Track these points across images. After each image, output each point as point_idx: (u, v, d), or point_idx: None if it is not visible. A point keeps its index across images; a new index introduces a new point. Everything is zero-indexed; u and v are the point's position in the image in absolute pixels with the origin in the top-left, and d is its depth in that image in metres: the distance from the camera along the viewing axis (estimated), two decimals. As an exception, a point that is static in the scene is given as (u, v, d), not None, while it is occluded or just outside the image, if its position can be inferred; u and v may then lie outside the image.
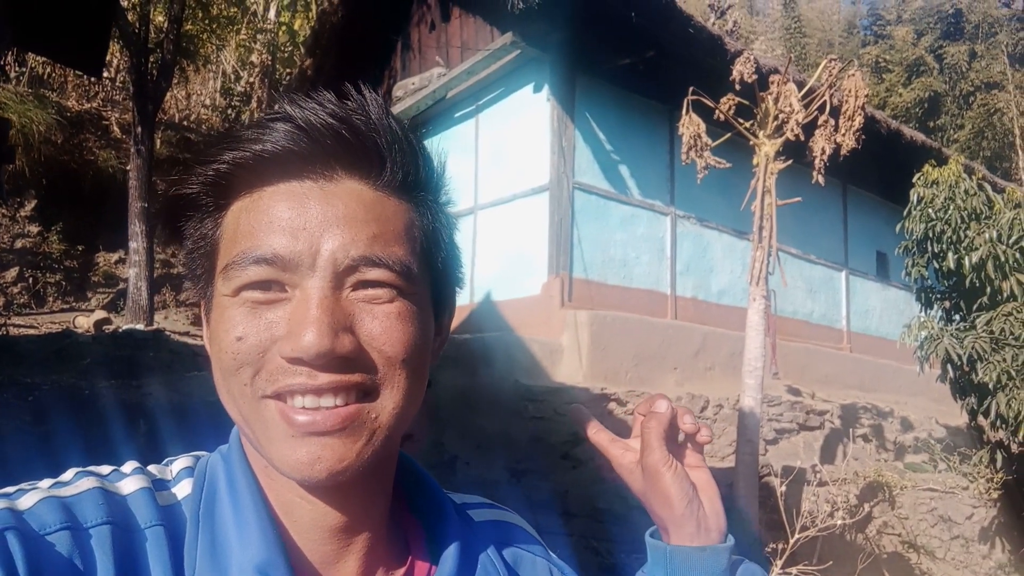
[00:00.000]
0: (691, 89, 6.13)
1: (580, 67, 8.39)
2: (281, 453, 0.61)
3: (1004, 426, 5.98)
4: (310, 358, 0.58)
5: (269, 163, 0.62)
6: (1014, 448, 6.52)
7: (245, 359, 0.61)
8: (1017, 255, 6.09)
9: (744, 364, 5.77)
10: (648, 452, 0.77)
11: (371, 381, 0.62)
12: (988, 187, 6.61)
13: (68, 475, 0.65)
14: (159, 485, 0.66)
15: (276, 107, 0.64)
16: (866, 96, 6.00)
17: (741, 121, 6.38)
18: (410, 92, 10.04)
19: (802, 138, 6.13)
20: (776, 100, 6.23)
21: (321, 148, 0.62)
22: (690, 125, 6.20)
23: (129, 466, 0.67)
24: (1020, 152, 18.64)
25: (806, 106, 6.19)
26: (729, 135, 6.49)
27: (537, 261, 8.24)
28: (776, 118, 6.29)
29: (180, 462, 0.70)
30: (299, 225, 0.61)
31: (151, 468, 0.68)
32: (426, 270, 0.68)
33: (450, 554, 0.70)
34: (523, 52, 8.23)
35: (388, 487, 0.72)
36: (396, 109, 9.74)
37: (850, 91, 5.81)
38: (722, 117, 6.30)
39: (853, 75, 5.92)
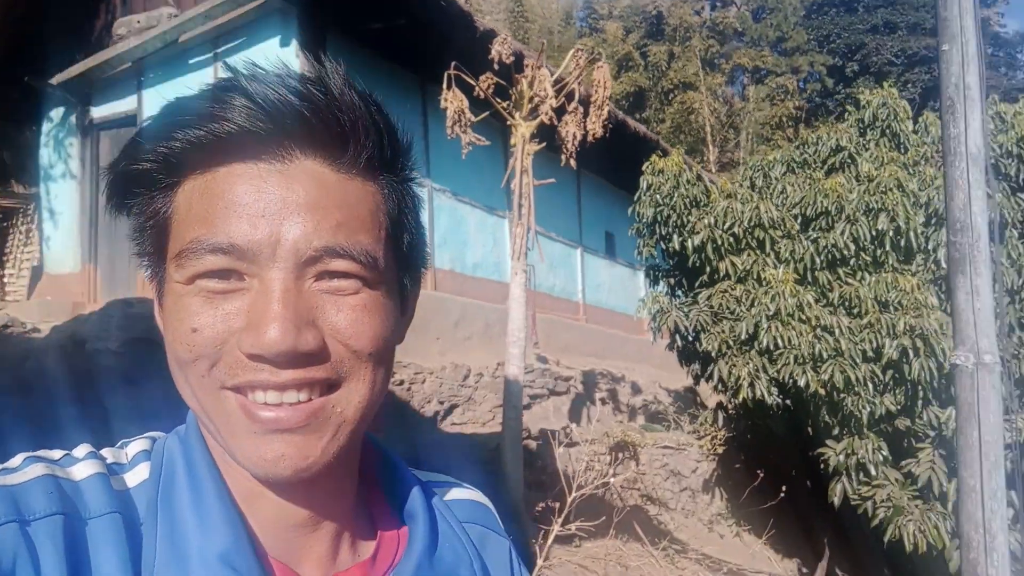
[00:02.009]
0: (453, 64, 6.27)
1: (332, 26, 8.14)
2: (244, 449, 0.59)
3: (724, 389, 6.94)
4: (272, 356, 0.56)
5: (225, 142, 0.58)
6: (730, 409, 7.59)
7: (201, 351, 0.58)
8: (731, 239, 7.07)
9: (508, 335, 6.08)
10: None
11: (336, 375, 0.60)
12: (706, 178, 7.59)
13: (16, 460, 0.61)
14: (113, 470, 0.63)
15: (228, 79, 0.59)
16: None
17: (499, 101, 6.64)
18: (135, 31, 8.98)
19: (555, 122, 6.56)
20: (531, 84, 6.58)
21: (280, 128, 0.58)
22: (454, 100, 6.32)
23: (82, 450, 0.64)
24: (711, 147, 21.59)
25: (557, 92, 6.62)
26: (487, 113, 6.74)
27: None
28: (531, 101, 6.64)
29: (136, 445, 0.67)
30: (257, 212, 0.57)
31: (105, 452, 0.65)
32: (392, 255, 0.65)
33: (419, 531, 0.70)
34: (269, 1, 7.78)
35: (355, 473, 0.71)
36: (118, 49, 8.73)
37: (599, 82, 6.33)
38: (481, 95, 6.52)
39: (602, 67, 6.44)
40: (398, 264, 0.67)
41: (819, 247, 6.93)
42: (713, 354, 6.96)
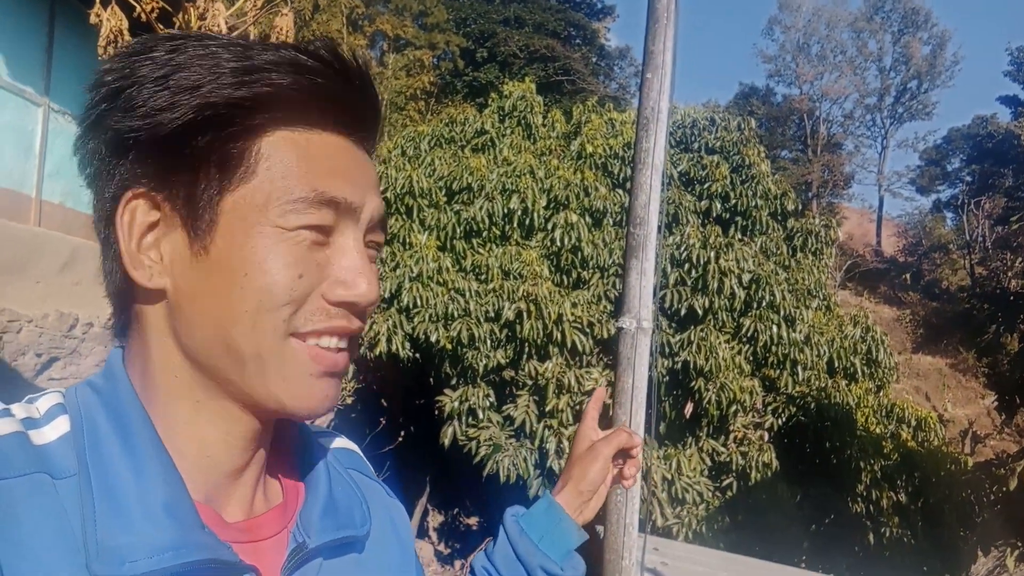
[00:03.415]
0: (112, -23, 5.64)
1: None
2: (295, 390, 0.62)
3: (362, 342, 7.36)
4: (365, 304, 0.64)
5: (321, 102, 0.62)
6: (369, 359, 8.02)
7: (298, 296, 0.61)
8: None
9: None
10: (605, 444, 1.04)
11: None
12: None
13: None
14: (29, 424, 0.59)
15: (323, 40, 0.63)
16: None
17: (162, 28, 6.14)
18: None
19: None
20: (202, 16, 6.21)
21: (357, 108, 0.66)
22: (112, 18, 5.71)
23: None
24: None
25: (230, 30, 6.35)
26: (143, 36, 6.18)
27: None
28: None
29: (47, 399, 0.63)
30: (355, 179, 0.64)
31: (14, 407, 0.61)
32: None
33: (320, 477, 0.75)
34: None
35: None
36: None
37: (281, 29, 6.21)
38: (144, 18, 5.98)
39: (286, 15, 6.32)
40: None
41: (460, 219, 7.71)
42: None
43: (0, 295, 7.01)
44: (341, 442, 0.86)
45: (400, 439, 9.37)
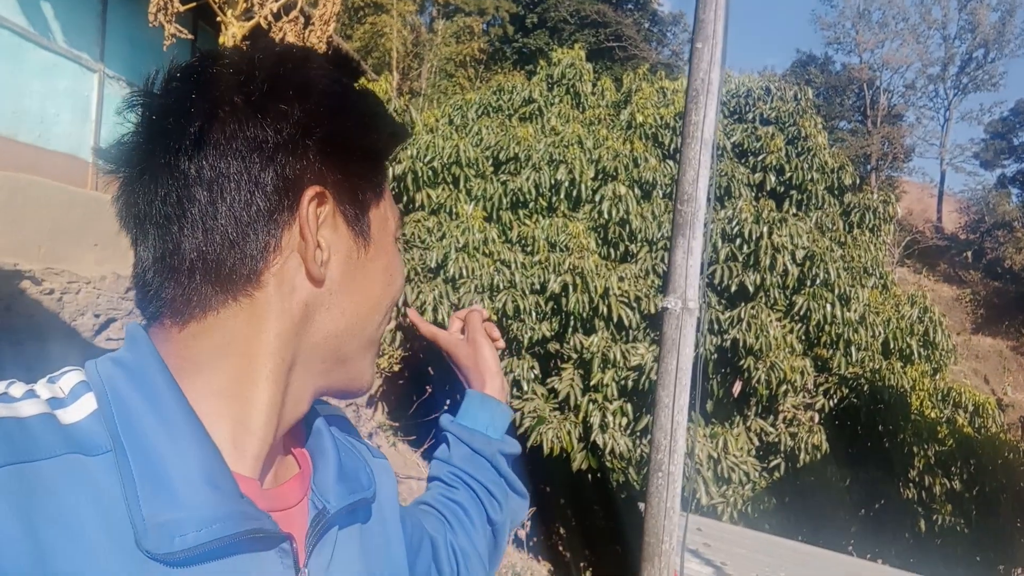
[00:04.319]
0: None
1: None
2: (366, 372, 0.75)
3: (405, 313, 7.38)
4: (399, 303, 0.82)
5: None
6: (416, 329, 8.07)
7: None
8: (430, 173, 7.44)
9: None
10: (475, 332, 1.15)
11: None
12: (413, 109, 7.82)
13: None
14: (55, 404, 0.58)
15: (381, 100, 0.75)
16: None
17: (212, -3, 6.15)
18: None
19: (274, 27, 6.26)
20: (251, -16, 6.19)
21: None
22: (163, -15, 5.72)
23: (18, 388, 0.60)
24: (395, 72, 21.75)
25: (278, -2, 6.32)
26: (195, 3, 6.20)
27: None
28: (247, 0, 6.26)
29: (70, 377, 0.62)
30: None
31: (38, 387, 0.60)
32: None
33: (327, 444, 0.77)
34: None
35: None
36: None
37: (328, -3, 6.16)
38: (194, -14, 5.98)
39: (334, -18, 6.26)
40: None
41: (507, 189, 7.63)
42: (401, 280, 7.35)
43: (60, 257, 7.19)
44: (331, 409, 0.87)
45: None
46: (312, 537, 0.68)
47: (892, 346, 8.09)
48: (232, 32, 6.11)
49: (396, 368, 8.35)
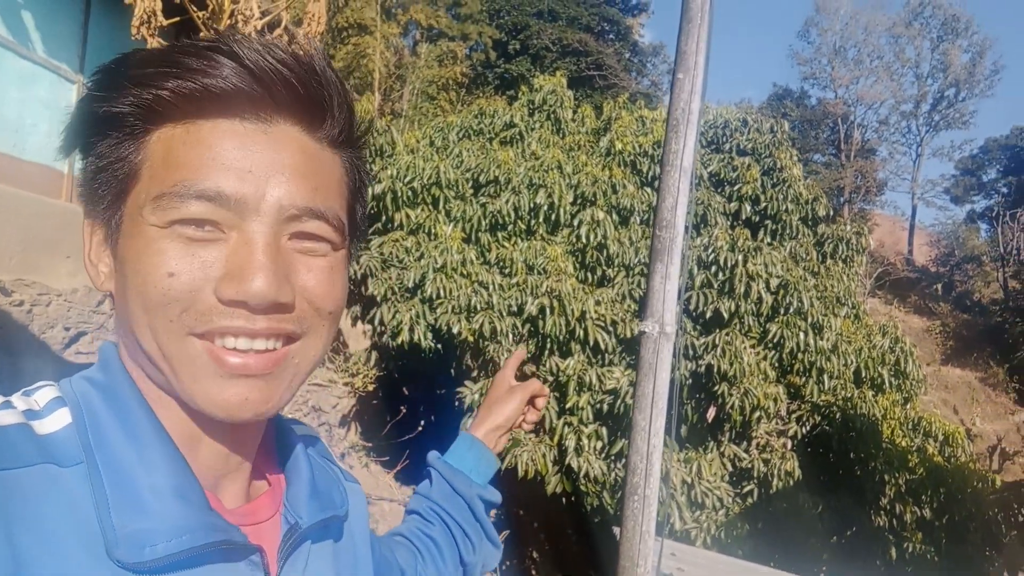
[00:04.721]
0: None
1: None
2: (207, 392, 0.61)
3: (383, 332, 7.35)
4: (255, 303, 0.59)
5: (213, 98, 0.60)
6: (392, 348, 8.03)
7: (175, 296, 0.59)
8: (409, 192, 7.46)
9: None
10: (522, 388, 1.20)
11: (299, 328, 0.64)
12: (394, 129, 7.85)
13: None
14: (31, 415, 0.60)
15: (214, 39, 0.62)
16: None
17: (196, 9, 6.16)
18: None
19: (257, 45, 6.26)
20: (236, 0, 6.22)
21: (269, 93, 0.61)
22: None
23: None
24: (377, 93, 21.86)
25: (263, 14, 6.34)
26: (179, 19, 6.21)
27: None
28: (232, 16, 6.27)
29: (45, 392, 0.64)
30: (245, 167, 0.60)
31: (14, 399, 0.62)
32: (348, 224, 0.70)
33: (301, 463, 0.78)
34: None
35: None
36: None
37: (313, 15, 6.19)
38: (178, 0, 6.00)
39: (319, 1, 6.30)
40: (351, 232, 0.72)
41: (486, 211, 7.65)
42: (378, 298, 7.33)
43: (31, 268, 7.10)
44: (305, 429, 0.88)
45: (420, 428, 9.36)
46: (284, 550, 0.70)
47: (864, 375, 8.19)
48: (215, 48, 6.11)
49: (370, 388, 8.29)
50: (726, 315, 7.55)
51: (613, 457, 7.21)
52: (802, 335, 7.55)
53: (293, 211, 0.62)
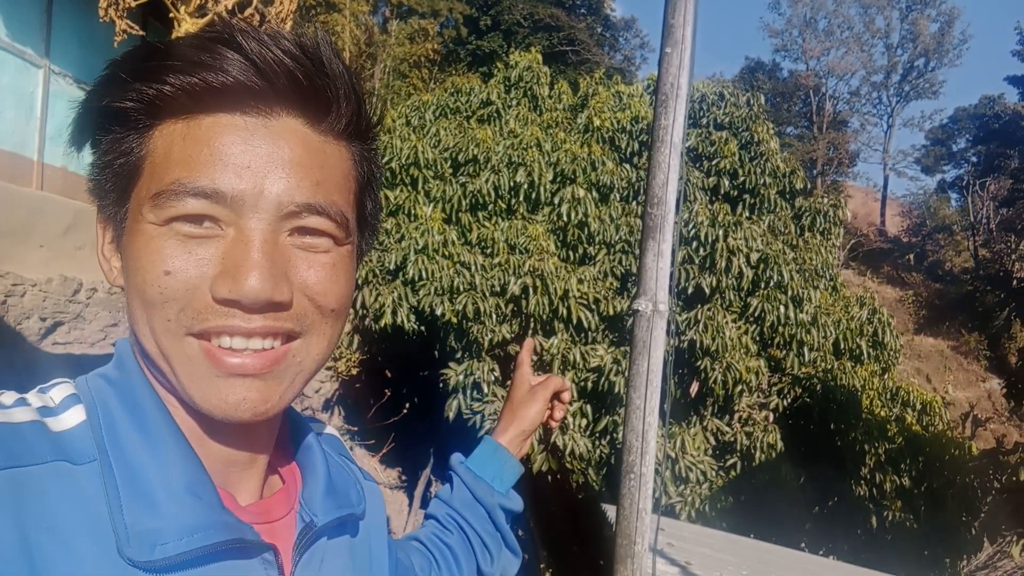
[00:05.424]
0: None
1: None
2: (204, 392, 0.60)
3: (367, 314, 7.30)
4: (249, 302, 0.58)
5: (214, 92, 0.58)
6: (375, 331, 7.99)
7: (172, 295, 0.58)
8: (388, 173, 7.38)
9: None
10: (543, 387, 1.17)
11: (300, 327, 0.62)
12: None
13: None
14: (45, 412, 0.60)
15: (220, 30, 0.60)
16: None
17: (164, -8, 6.01)
18: None
19: (227, 26, 6.13)
20: (205, -19, 6.06)
21: (272, 86, 0.59)
22: (113, -21, 5.56)
23: (9, 396, 0.61)
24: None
25: (234, -4, 6.19)
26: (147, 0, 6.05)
27: None
28: (200, -4, 6.13)
29: (60, 389, 0.64)
30: (243, 163, 0.59)
31: (29, 396, 0.62)
32: (356, 218, 0.68)
33: (317, 461, 0.77)
34: None
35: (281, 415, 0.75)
36: None
37: (284, -4, 6.07)
38: (144, -20, 5.84)
39: (290, -19, 6.17)
40: (359, 227, 0.70)
41: (466, 191, 7.60)
42: (359, 282, 7.27)
43: (3, 259, 6.93)
44: (325, 428, 0.89)
45: (404, 411, 9.35)
46: (299, 549, 0.69)
47: (843, 346, 8.29)
48: (185, 29, 5.98)
49: (353, 371, 8.25)
50: (707, 290, 7.59)
51: (598, 434, 7.24)
52: (782, 308, 7.62)
53: (292, 207, 0.60)
